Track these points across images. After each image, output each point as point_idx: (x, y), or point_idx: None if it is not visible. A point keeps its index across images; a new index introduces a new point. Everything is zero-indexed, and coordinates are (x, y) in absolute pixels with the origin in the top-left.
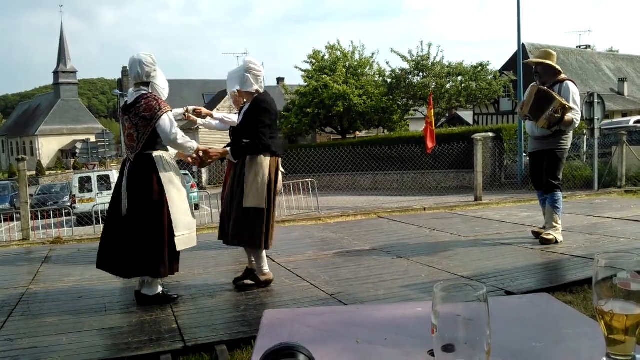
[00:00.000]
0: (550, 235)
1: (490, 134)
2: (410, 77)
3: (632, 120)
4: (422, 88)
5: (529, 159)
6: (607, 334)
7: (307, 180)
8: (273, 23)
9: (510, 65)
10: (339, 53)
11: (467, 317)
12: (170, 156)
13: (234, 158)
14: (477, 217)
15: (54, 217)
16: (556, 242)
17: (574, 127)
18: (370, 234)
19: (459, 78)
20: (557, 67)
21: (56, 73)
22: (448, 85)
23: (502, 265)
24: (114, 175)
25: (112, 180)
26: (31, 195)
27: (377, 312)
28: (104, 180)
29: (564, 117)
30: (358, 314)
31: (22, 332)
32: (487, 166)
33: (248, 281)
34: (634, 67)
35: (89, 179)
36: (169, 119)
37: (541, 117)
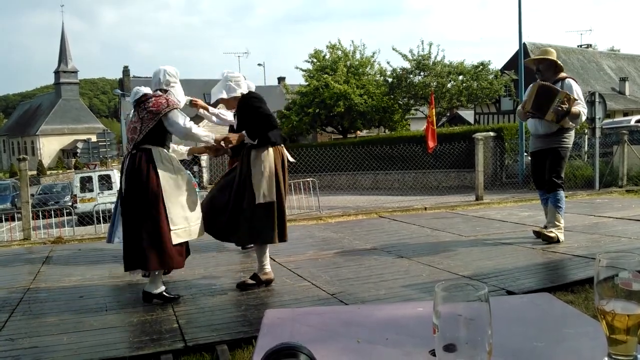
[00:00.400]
0: (552, 232)
1: (492, 134)
2: (411, 76)
3: (633, 119)
4: (423, 87)
5: (530, 158)
6: (608, 334)
7: (308, 179)
8: (274, 23)
9: (511, 64)
10: (340, 52)
11: (469, 317)
12: (170, 154)
13: (251, 139)
14: (478, 217)
15: (55, 217)
16: (558, 240)
17: (581, 121)
18: (371, 233)
19: (460, 77)
20: (559, 62)
21: (57, 73)
22: (449, 85)
23: (503, 265)
24: (115, 175)
25: (113, 180)
26: (32, 195)
27: (378, 312)
28: (105, 180)
29: (571, 108)
30: (359, 314)
31: (23, 332)
32: (488, 165)
33: (249, 280)
34: (635, 67)
35: (90, 179)
36: (179, 112)
37: (548, 110)
